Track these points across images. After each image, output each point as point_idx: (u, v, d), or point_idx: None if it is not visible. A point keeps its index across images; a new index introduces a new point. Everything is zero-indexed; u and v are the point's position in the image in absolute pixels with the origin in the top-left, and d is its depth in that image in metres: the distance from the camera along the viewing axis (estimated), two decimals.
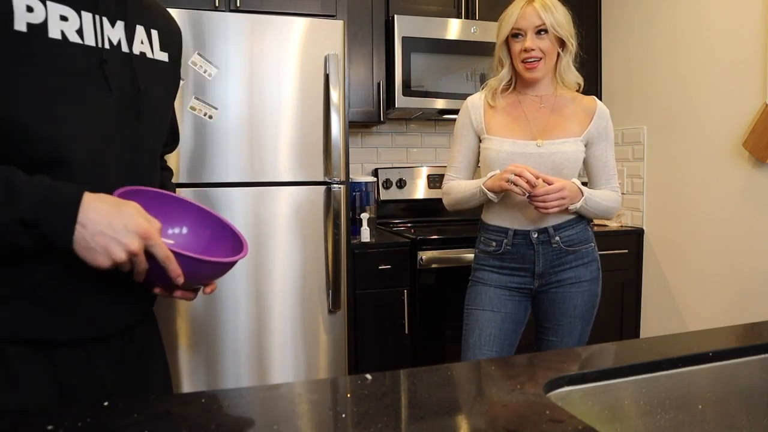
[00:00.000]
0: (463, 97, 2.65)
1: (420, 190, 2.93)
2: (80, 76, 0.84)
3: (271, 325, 2.07)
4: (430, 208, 2.96)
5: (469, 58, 2.63)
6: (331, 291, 2.10)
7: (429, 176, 2.94)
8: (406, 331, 2.38)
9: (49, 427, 0.64)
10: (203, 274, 0.90)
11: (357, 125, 2.84)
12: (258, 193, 2.04)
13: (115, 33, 0.89)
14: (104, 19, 0.88)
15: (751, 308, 2.23)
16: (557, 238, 1.62)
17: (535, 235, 1.62)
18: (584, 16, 2.91)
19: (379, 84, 2.60)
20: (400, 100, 2.56)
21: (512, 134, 1.64)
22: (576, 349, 1.00)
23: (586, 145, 1.67)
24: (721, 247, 2.35)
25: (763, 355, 0.93)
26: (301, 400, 0.75)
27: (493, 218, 1.69)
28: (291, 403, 0.74)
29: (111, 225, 0.76)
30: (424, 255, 2.38)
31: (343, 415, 0.69)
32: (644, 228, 2.74)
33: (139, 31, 0.94)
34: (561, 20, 1.58)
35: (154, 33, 0.97)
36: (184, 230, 0.99)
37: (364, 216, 2.43)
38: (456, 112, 2.72)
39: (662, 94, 2.61)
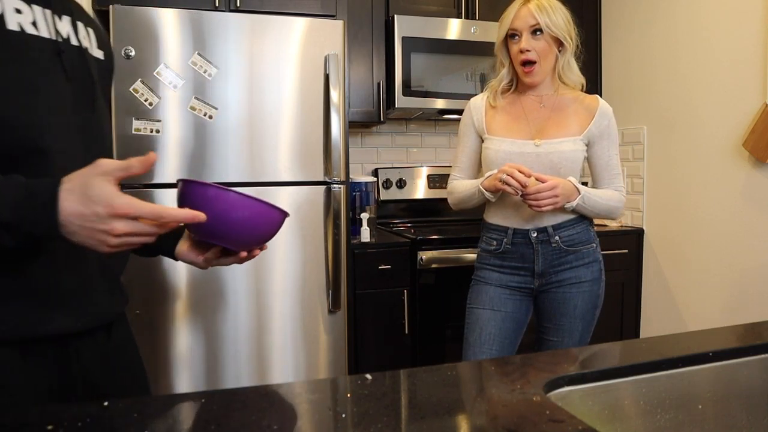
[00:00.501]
0: (463, 97, 2.66)
1: (420, 190, 2.93)
2: (42, 66, 0.85)
3: (271, 325, 2.07)
4: (430, 208, 2.96)
5: (469, 58, 2.63)
6: (331, 291, 2.11)
7: (429, 176, 2.94)
8: (406, 331, 2.38)
9: (49, 427, 0.64)
10: (256, 221, 0.89)
11: (357, 125, 2.84)
12: (258, 193, 2.03)
13: (64, 26, 0.91)
14: (54, 13, 0.90)
15: (751, 308, 2.23)
16: (557, 237, 1.62)
17: (534, 235, 1.62)
18: (584, 16, 2.90)
19: (379, 84, 2.60)
20: (400, 100, 2.56)
21: (511, 134, 1.65)
22: (576, 349, 1.00)
23: (587, 145, 1.67)
24: (721, 247, 2.35)
25: (763, 355, 0.93)
26: (301, 400, 0.75)
27: (493, 217, 1.70)
28: (291, 403, 0.74)
29: (85, 217, 0.73)
30: (424, 255, 2.38)
31: (343, 415, 0.69)
32: (644, 228, 2.73)
33: (80, 27, 0.96)
34: (556, 20, 1.57)
35: (90, 31, 0.99)
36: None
37: (364, 216, 2.43)
38: (456, 112, 2.73)
39: (662, 94, 2.61)
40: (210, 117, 1.97)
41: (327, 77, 2.06)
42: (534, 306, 1.72)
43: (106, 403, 0.70)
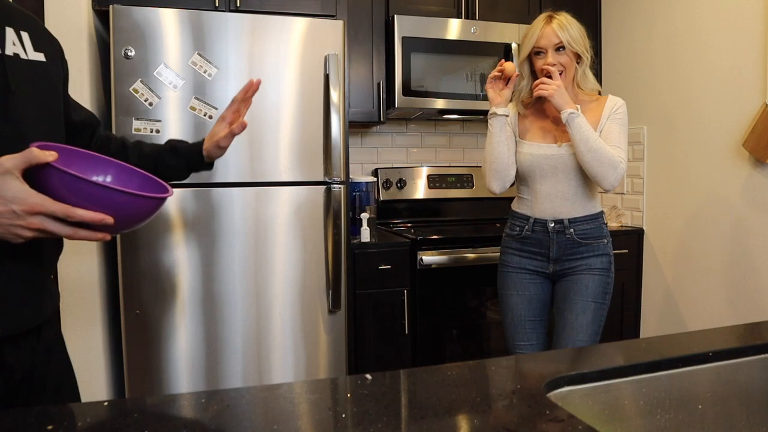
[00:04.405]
0: (463, 97, 2.66)
1: (420, 190, 2.93)
2: None
3: (271, 325, 2.07)
4: (430, 208, 2.96)
5: (469, 58, 2.63)
6: (331, 291, 2.11)
7: (429, 176, 2.94)
8: (406, 331, 2.38)
9: (49, 427, 0.64)
10: (131, 210, 0.89)
11: (357, 125, 2.84)
12: (258, 193, 2.04)
13: None
14: None
15: (752, 308, 2.23)
16: (571, 230, 1.79)
17: (552, 225, 1.80)
18: (584, 17, 2.90)
19: (379, 84, 2.60)
20: (400, 100, 2.56)
21: (537, 138, 1.83)
22: (576, 349, 1.00)
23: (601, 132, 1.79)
24: (721, 247, 2.35)
25: (763, 355, 0.93)
26: (301, 400, 0.75)
27: (520, 207, 1.89)
28: (291, 403, 0.74)
29: (1, 215, 0.79)
30: (424, 255, 2.38)
31: (343, 415, 0.69)
32: (644, 228, 2.73)
33: (9, 32, 0.94)
34: (576, 36, 1.75)
35: (25, 35, 0.97)
36: (108, 178, 1.00)
37: (364, 216, 2.43)
38: (456, 112, 2.73)
39: (662, 94, 2.61)
40: (210, 117, 1.97)
41: (327, 77, 2.06)
42: (553, 294, 1.88)
43: (106, 403, 0.70)
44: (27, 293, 0.93)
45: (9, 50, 0.93)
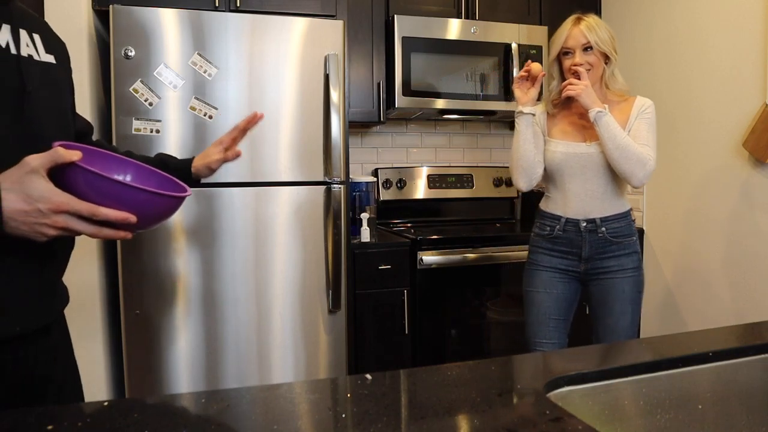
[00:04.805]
0: (463, 97, 2.67)
1: (420, 190, 2.93)
2: None
3: (271, 325, 2.07)
4: (430, 208, 2.96)
5: (469, 58, 2.63)
6: (331, 291, 2.11)
7: (429, 176, 2.94)
8: (406, 331, 2.38)
9: (49, 427, 0.64)
10: (152, 209, 0.90)
11: (357, 125, 2.84)
12: (258, 193, 2.04)
13: (3, 36, 0.90)
14: None
15: (752, 308, 2.23)
16: (603, 228, 1.82)
17: (584, 224, 1.82)
18: None
19: (379, 84, 2.60)
20: (400, 100, 2.56)
21: (566, 137, 1.86)
22: (576, 349, 1.00)
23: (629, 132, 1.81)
24: (721, 247, 2.35)
25: (763, 355, 0.93)
26: (301, 400, 0.75)
27: (549, 207, 1.91)
28: (291, 403, 0.74)
29: (27, 213, 0.79)
30: (424, 255, 2.38)
31: (343, 415, 0.69)
32: (644, 228, 2.73)
33: (23, 34, 0.94)
34: (604, 37, 1.78)
35: (36, 36, 0.98)
36: (128, 177, 1.02)
37: (364, 216, 2.43)
38: (456, 112, 2.74)
39: (662, 94, 2.61)
40: (210, 117, 1.97)
41: (327, 77, 2.06)
42: (587, 295, 1.90)
43: (106, 403, 0.70)
44: (39, 292, 0.94)
45: (24, 51, 0.93)
